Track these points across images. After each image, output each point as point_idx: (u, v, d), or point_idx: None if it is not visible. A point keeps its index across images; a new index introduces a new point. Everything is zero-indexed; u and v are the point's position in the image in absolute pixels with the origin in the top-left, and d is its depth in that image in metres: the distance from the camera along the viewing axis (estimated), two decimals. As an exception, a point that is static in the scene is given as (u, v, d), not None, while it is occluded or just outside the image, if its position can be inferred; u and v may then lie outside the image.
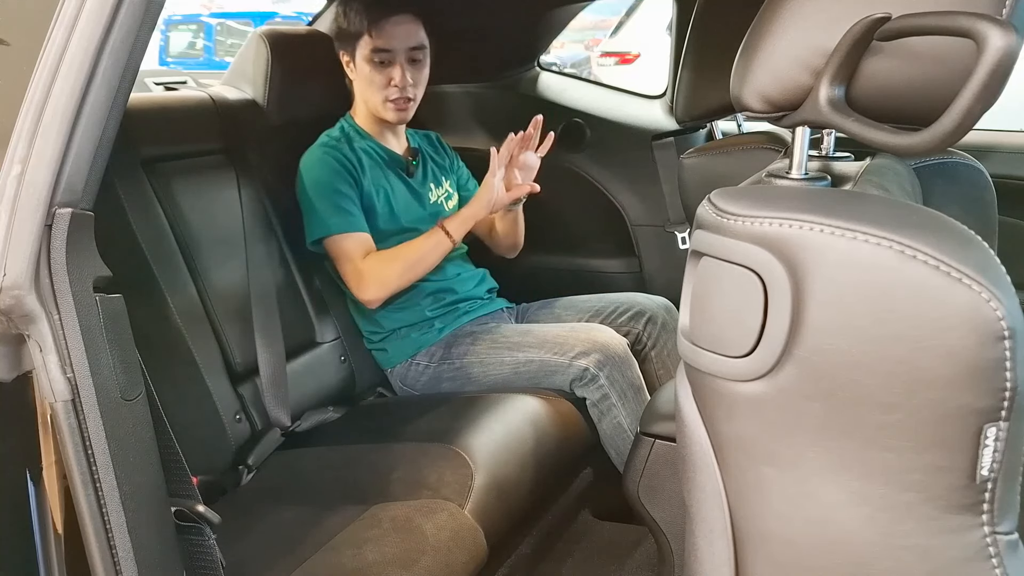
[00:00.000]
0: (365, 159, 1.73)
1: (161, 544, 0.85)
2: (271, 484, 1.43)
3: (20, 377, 0.78)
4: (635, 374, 1.63)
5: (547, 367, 1.62)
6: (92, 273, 0.78)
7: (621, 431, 1.61)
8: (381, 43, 1.66)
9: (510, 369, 1.65)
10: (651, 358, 1.80)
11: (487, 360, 1.67)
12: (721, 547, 0.68)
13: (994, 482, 0.58)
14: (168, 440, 0.87)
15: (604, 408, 1.60)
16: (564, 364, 1.61)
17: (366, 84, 1.71)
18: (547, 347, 1.64)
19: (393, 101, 1.70)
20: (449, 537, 1.24)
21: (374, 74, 1.69)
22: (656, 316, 1.80)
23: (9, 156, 0.74)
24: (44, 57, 0.74)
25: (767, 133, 1.20)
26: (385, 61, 1.67)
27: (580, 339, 1.63)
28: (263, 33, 1.74)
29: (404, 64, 1.68)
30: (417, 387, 1.75)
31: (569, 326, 1.72)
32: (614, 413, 1.60)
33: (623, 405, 1.59)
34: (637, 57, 6.32)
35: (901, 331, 0.56)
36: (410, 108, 1.73)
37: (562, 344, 1.62)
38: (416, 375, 1.74)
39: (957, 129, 0.59)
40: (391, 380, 1.79)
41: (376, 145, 1.78)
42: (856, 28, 0.63)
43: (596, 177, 2.13)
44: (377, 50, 1.67)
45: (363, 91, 1.73)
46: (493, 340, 1.69)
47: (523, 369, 1.64)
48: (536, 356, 1.64)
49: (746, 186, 0.77)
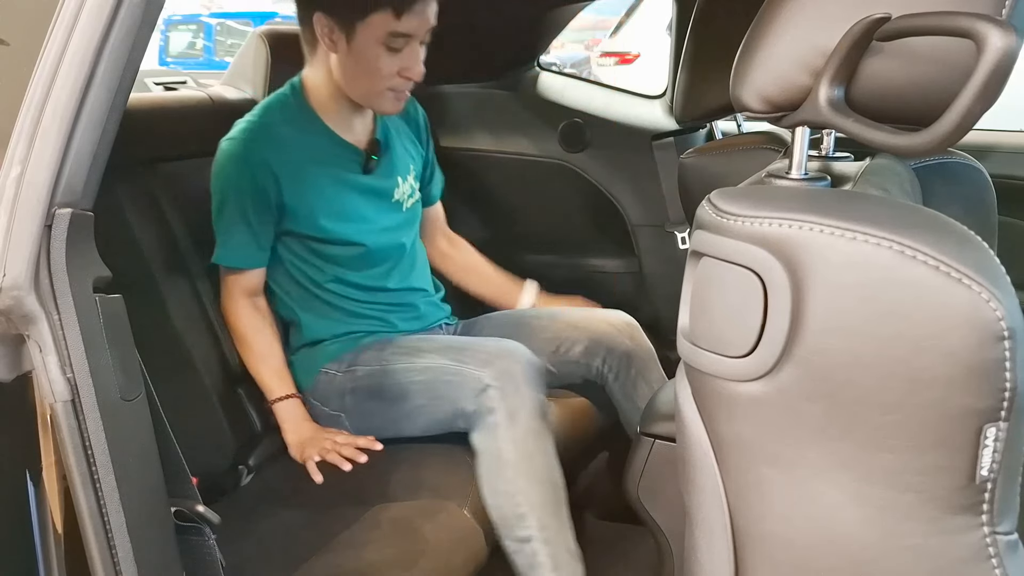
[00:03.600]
0: (302, 156, 1.43)
1: (161, 544, 0.85)
2: (271, 485, 1.42)
3: (20, 377, 0.78)
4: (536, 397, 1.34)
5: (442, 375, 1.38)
6: (92, 273, 0.78)
7: (495, 463, 1.30)
8: (405, 27, 1.34)
9: (403, 377, 1.42)
10: (614, 391, 1.60)
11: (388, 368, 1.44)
12: (721, 548, 0.68)
13: (994, 482, 0.58)
14: (168, 440, 0.87)
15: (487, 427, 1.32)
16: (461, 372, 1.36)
17: (364, 68, 1.38)
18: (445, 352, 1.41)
19: (396, 91, 1.42)
20: (449, 538, 1.24)
21: (383, 60, 1.37)
22: (615, 343, 1.58)
23: (9, 156, 0.74)
24: (44, 57, 0.74)
25: (767, 133, 1.20)
26: (401, 47, 1.37)
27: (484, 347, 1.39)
28: (262, 33, 1.74)
29: (418, 50, 1.40)
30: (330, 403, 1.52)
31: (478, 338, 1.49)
32: (499, 435, 1.30)
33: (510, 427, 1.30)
34: (637, 57, 6.32)
35: (901, 331, 0.56)
36: (406, 96, 1.47)
37: (461, 350, 1.39)
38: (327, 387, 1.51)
39: (957, 129, 0.59)
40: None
41: (328, 135, 1.47)
42: (856, 28, 0.63)
43: (596, 177, 2.12)
44: (397, 34, 1.35)
45: (352, 74, 1.40)
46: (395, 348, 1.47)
47: (418, 378, 1.41)
48: (432, 363, 1.40)
49: (746, 186, 0.77)
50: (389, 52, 1.36)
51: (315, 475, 1.37)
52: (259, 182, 1.40)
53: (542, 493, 1.29)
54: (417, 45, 1.38)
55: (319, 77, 1.45)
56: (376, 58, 1.36)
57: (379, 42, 1.35)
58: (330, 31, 1.37)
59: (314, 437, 1.42)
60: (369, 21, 1.34)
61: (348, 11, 1.34)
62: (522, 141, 2.13)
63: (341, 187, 1.48)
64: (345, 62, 1.39)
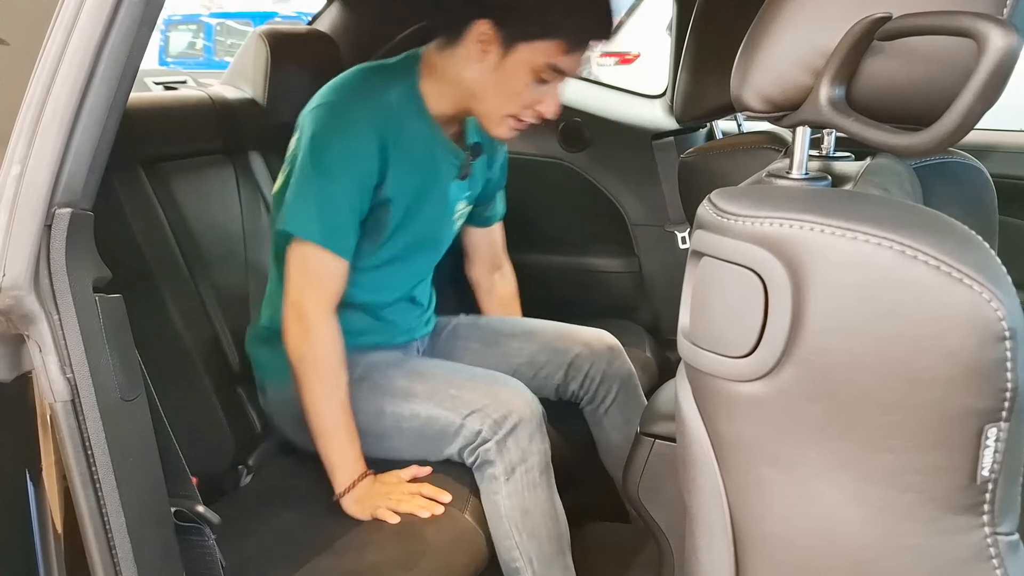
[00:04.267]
0: (410, 149, 1.30)
1: (161, 545, 0.85)
2: (271, 485, 1.42)
3: (20, 378, 0.78)
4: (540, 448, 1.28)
5: (434, 424, 1.30)
6: (92, 273, 0.78)
7: (493, 511, 1.27)
8: (565, 64, 1.25)
9: (391, 422, 1.33)
10: (587, 415, 1.57)
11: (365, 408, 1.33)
12: (721, 548, 0.68)
13: (994, 483, 0.58)
14: (168, 440, 0.87)
15: (487, 480, 1.28)
16: (455, 423, 1.28)
17: (504, 89, 1.26)
18: (437, 398, 1.30)
19: (519, 120, 1.30)
20: (450, 540, 1.24)
21: (528, 88, 1.26)
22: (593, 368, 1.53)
23: (9, 156, 0.74)
24: (44, 57, 0.74)
25: (767, 133, 1.20)
26: (550, 81, 1.27)
27: (480, 392, 1.29)
28: (263, 32, 1.74)
29: (560, 89, 1.30)
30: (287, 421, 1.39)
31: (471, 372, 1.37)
32: (495, 488, 1.26)
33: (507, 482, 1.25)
34: (637, 57, 6.31)
35: (901, 331, 0.56)
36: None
37: (455, 398, 1.29)
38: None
39: (958, 129, 0.59)
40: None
41: (434, 132, 1.34)
42: (856, 28, 0.63)
43: (596, 177, 2.12)
44: (555, 68, 1.25)
45: (490, 91, 1.27)
46: (374, 384, 1.35)
47: (406, 425, 1.32)
48: (423, 410, 1.31)
49: (746, 186, 0.77)
50: (537, 82, 1.25)
51: (392, 518, 1.24)
52: (369, 159, 1.25)
53: (539, 547, 1.26)
54: (561, 83, 1.29)
55: (446, 71, 1.29)
56: (523, 84, 1.25)
57: (533, 69, 1.24)
58: (488, 41, 1.24)
59: (374, 492, 1.27)
60: (534, 46, 1.23)
61: (519, 30, 1.23)
62: (522, 141, 2.13)
63: (439, 189, 1.37)
64: (488, 76, 1.26)
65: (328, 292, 1.28)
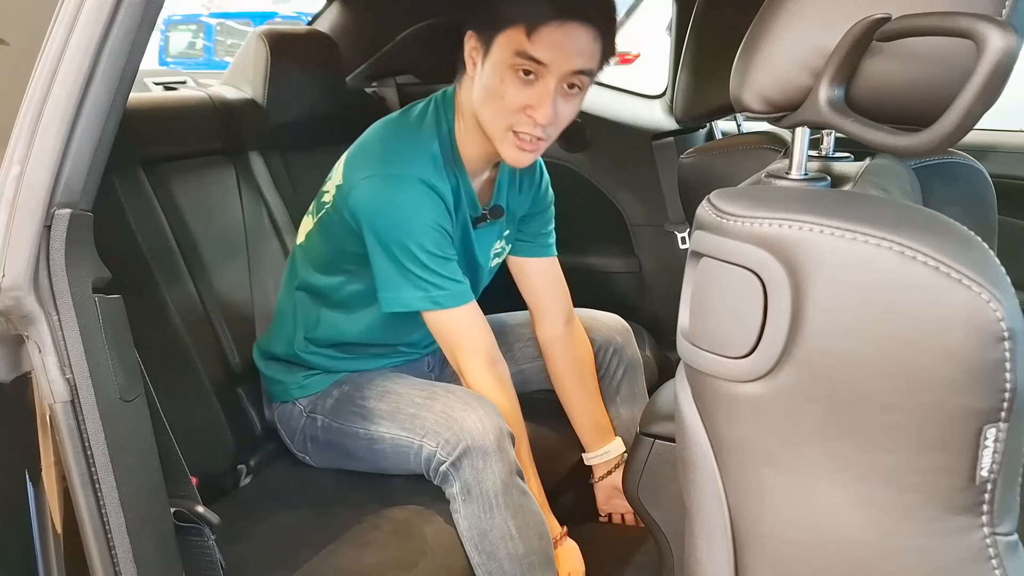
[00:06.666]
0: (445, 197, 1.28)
1: (160, 545, 0.85)
2: (271, 485, 1.42)
3: (19, 378, 0.78)
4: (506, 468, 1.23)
5: (398, 444, 1.31)
6: (91, 274, 0.78)
7: (460, 534, 1.25)
8: (537, 52, 1.17)
9: (365, 443, 1.35)
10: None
11: (344, 430, 1.37)
12: (721, 548, 0.68)
13: (994, 483, 0.58)
14: (168, 441, 0.87)
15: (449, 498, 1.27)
16: (415, 443, 1.28)
17: (491, 90, 1.21)
18: (398, 419, 1.32)
19: (518, 135, 1.22)
20: (449, 540, 1.24)
21: (510, 84, 1.19)
22: (610, 338, 1.59)
23: (8, 156, 0.74)
24: (43, 57, 0.74)
25: (767, 133, 1.19)
26: (532, 74, 1.19)
27: (435, 412, 1.28)
28: (262, 33, 1.74)
29: (555, 89, 1.20)
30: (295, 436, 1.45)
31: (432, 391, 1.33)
32: (455, 507, 1.25)
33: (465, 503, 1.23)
34: (637, 57, 6.31)
35: (901, 332, 0.56)
36: (537, 151, 1.26)
37: (413, 417, 1.29)
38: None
39: (957, 129, 0.59)
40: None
41: (461, 180, 1.32)
42: (856, 29, 0.63)
43: (596, 177, 2.12)
44: (527, 57, 1.17)
45: (481, 95, 1.23)
46: (350, 404, 1.38)
47: (376, 447, 1.34)
48: (387, 431, 1.32)
49: (746, 186, 0.77)
50: (517, 79, 1.19)
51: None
52: (434, 207, 1.26)
53: (500, 568, 1.24)
54: (551, 84, 1.19)
55: (466, 105, 1.29)
56: (502, 81, 1.19)
57: (508, 63, 1.19)
58: (473, 48, 1.24)
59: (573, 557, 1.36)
60: (501, 39, 1.19)
61: (488, 22, 1.21)
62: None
63: (465, 233, 1.36)
64: (478, 81, 1.23)
65: (473, 345, 1.31)
